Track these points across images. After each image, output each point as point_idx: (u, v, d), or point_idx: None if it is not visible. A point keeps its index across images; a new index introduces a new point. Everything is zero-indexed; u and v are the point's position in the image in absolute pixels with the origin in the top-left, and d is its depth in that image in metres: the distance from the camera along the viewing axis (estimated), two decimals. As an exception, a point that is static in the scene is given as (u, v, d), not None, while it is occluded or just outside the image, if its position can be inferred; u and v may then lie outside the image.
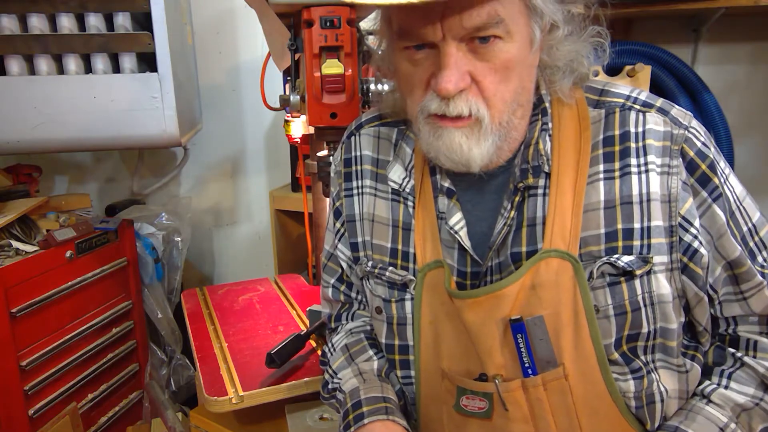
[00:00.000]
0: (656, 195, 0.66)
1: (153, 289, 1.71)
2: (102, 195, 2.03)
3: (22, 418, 1.32)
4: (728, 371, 0.70)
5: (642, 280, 0.66)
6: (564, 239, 0.66)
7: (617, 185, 0.67)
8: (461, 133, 0.65)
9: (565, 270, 0.66)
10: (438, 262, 0.72)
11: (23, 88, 1.32)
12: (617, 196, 0.67)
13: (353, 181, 0.81)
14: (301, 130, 1.25)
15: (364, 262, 0.79)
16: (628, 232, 0.66)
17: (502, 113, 0.65)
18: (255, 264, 2.10)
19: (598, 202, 0.67)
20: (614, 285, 0.66)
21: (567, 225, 0.67)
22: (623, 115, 0.68)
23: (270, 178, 2.04)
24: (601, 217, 0.67)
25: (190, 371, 1.78)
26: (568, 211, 0.67)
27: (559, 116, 0.70)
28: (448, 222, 0.72)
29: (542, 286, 0.66)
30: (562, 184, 0.68)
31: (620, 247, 0.66)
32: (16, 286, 1.29)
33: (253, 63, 1.91)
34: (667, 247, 0.66)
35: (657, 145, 0.67)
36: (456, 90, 0.62)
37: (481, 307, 0.68)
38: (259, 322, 1.16)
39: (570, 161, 0.68)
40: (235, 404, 0.89)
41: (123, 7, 1.33)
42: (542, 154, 0.69)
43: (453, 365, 0.71)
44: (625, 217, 0.66)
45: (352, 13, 0.83)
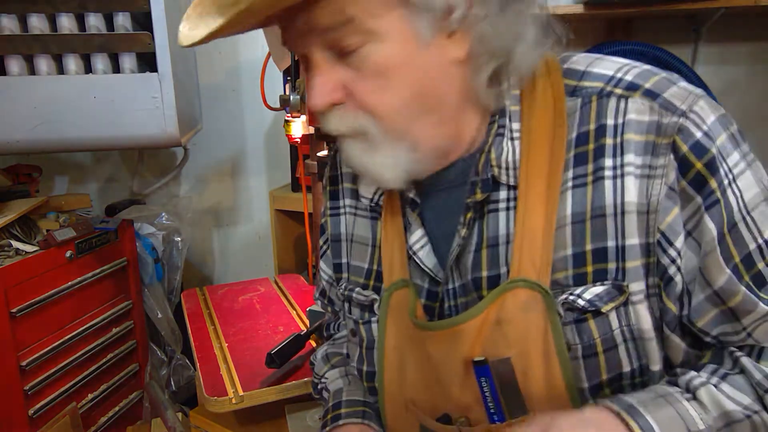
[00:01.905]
0: (632, 205, 0.54)
1: (153, 289, 1.71)
2: (102, 195, 2.03)
3: (22, 418, 1.32)
4: (723, 371, 0.54)
5: (618, 312, 0.55)
6: (534, 265, 0.56)
7: (588, 194, 0.55)
8: (353, 146, 0.58)
9: (535, 303, 0.55)
10: (404, 282, 0.65)
11: (23, 88, 1.32)
12: (588, 207, 0.55)
13: (338, 200, 0.75)
14: (301, 130, 1.25)
15: (343, 285, 0.74)
16: (600, 254, 0.55)
17: (393, 123, 0.55)
18: (255, 264, 2.10)
19: (566, 216, 0.56)
20: (580, 322, 0.55)
21: (537, 247, 0.56)
22: (600, 104, 0.55)
23: (270, 178, 2.04)
24: (568, 234, 0.55)
25: (190, 371, 1.78)
26: (538, 230, 0.56)
27: (530, 113, 0.59)
28: (408, 239, 0.65)
29: (508, 322, 0.56)
30: (532, 197, 0.57)
31: (590, 274, 0.55)
32: (16, 286, 1.29)
33: (253, 63, 1.91)
34: (643, 271, 0.54)
35: (637, 140, 0.53)
36: (324, 105, 0.55)
37: (441, 341, 0.60)
38: (259, 322, 1.16)
39: (542, 168, 0.57)
40: (235, 404, 0.89)
41: (123, 7, 1.33)
42: (495, 165, 0.58)
43: (418, 397, 0.64)
44: (596, 235, 0.55)
45: (352, 13, 0.83)
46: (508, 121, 0.59)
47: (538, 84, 0.59)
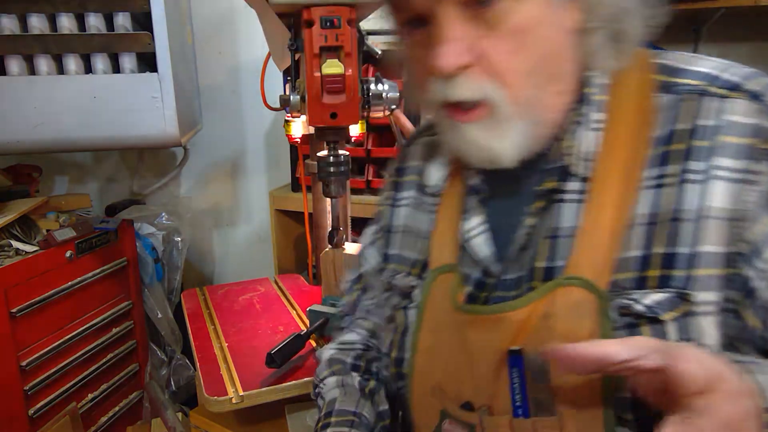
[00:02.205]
0: (716, 211, 0.50)
1: (153, 289, 1.71)
2: (102, 195, 2.03)
3: (22, 418, 1.32)
4: None
5: (678, 324, 0.50)
6: (594, 264, 0.53)
7: (668, 195, 0.52)
8: (477, 127, 0.55)
9: (588, 304, 0.52)
10: (450, 267, 0.63)
11: (23, 88, 1.32)
12: (665, 209, 0.52)
13: (400, 192, 0.74)
14: (301, 130, 1.25)
15: (387, 275, 0.72)
16: (668, 259, 0.51)
17: (521, 89, 0.53)
18: (255, 264, 2.10)
19: (642, 215, 0.53)
20: (633, 327, 0.51)
21: (602, 245, 0.53)
22: (697, 103, 0.53)
23: (270, 178, 2.04)
24: (638, 235, 0.52)
25: (190, 371, 1.78)
26: (606, 228, 0.53)
27: (617, 105, 0.56)
28: (464, 226, 0.63)
29: (557, 318, 0.53)
30: (606, 192, 0.54)
31: (653, 278, 0.51)
32: (16, 286, 1.29)
33: (253, 63, 1.91)
34: (718, 282, 0.50)
35: (737, 143, 0.50)
36: (454, 66, 0.51)
37: (482, 326, 0.58)
38: (259, 322, 1.16)
39: (620, 163, 0.54)
40: (235, 404, 0.89)
41: (123, 7, 1.33)
42: (569, 154, 0.56)
43: (445, 382, 0.62)
44: (669, 238, 0.51)
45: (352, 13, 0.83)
46: (590, 110, 0.56)
47: (628, 76, 0.57)
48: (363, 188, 1.63)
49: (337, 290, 1.15)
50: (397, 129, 1.13)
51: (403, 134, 1.14)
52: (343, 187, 0.99)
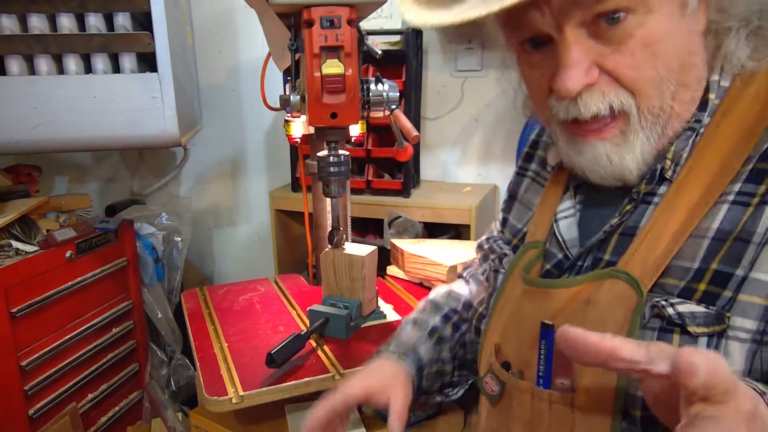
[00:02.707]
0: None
1: (153, 289, 1.71)
2: (102, 195, 2.03)
3: (22, 418, 1.32)
4: None
5: (710, 340, 0.50)
6: (644, 264, 0.53)
7: (746, 215, 0.50)
8: (606, 144, 0.55)
9: (628, 300, 0.53)
10: (539, 243, 0.65)
11: (23, 88, 1.32)
12: (738, 228, 0.50)
13: (529, 163, 0.77)
14: (301, 130, 1.24)
15: (493, 240, 0.76)
16: (722, 278, 0.50)
17: (653, 97, 0.52)
18: (255, 264, 2.10)
19: (709, 229, 0.51)
20: (665, 332, 0.51)
21: (657, 248, 0.53)
22: None
23: (270, 178, 2.04)
24: (703, 247, 0.51)
25: (190, 371, 1.78)
26: (668, 233, 0.53)
27: (728, 110, 0.54)
28: (558, 207, 0.65)
29: (596, 305, 0.55)
30: (681, 197, 0.53)
31: (699, 292, 0.51)
32: (16, 286, 1.29)
33: (253, 63, 1.91)
34: (759, 311, 0.49)
35: None
36: (579, 87, 0.51)
37: (534, 298, 0.61)
38: (259, 322, 1.16)
39: (707, 170, 0.53)
40: (235, 404, 0.89)
41: (123, 7, 1.33)
42: (669, 158, 0.55)
43: (501, 343, 0.65)
44: (730, 258, 0.50)
45: (352, 13, 0.83)
46: (705, 116, 0.55)
47: (754, 82, 0.54)
48: (363, 188, 1.63)
49: (337, 290, 1.15)
50: (397, 129, 1.13)
51: (403, 134, 1.14)
52: (343, 187, 0.98)
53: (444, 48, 1.74)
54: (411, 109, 1.60)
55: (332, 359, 1.00)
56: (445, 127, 1.79)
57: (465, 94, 1.75)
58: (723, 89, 0.55)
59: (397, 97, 0.97)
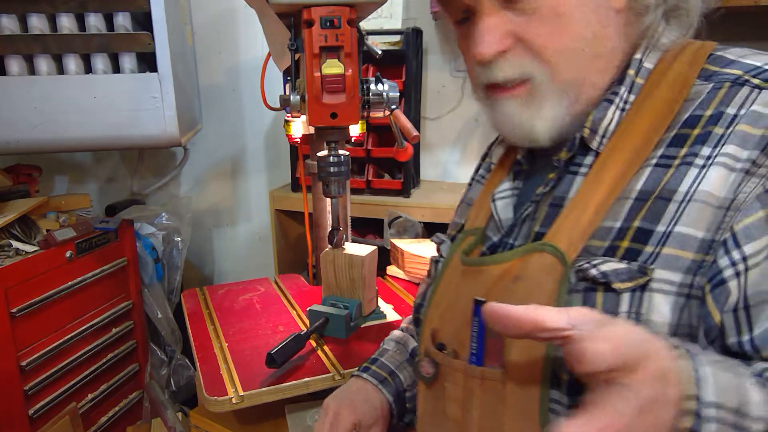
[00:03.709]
0: (708, 196, 0.50)
1: (153, 289, 1.71)
2: (102, 195, 2.03)
3: (22, 418, 1.32)
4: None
5: (633, 295, 0.51)
6: (571, 236, 0.55)
7: (667, 175, 0.52)
8: (516, 102, 0.58)
9: (554, 271, 0.54)
10: (477, 230, 0.68)
11: (23, 88, 1.32)
12: (659, 187, 0.52)
13: (477, 172, 0.81)
14: (301, 130, 1.24)
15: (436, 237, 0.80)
16: (643, 234, 0.52)
17: (564, 68, 0.56)
18: (255, 264, 2.10)
19: (633, 190, 0.54)
20: (589, 292, 0.53)
21: (584, 220, 0.54)
22: (730, 91, 0.52)
23: (270, 178, 2.04)
24: (626, 208, 0.53)
25: (190, 371, 1.78)
26: (594, 202, 0.55)
27: (652, 90, 0.56)
28: (495, 189, 0.67)
29: (525, 279, 0.56)
30: (607, 168, 0.55)
31: (622, 249, 0.52)
32: (16, 286, 1.29)
33: (253, 63, 1.91)
34: (688, 266, 0.50)
35: (752, 133, 0.50)
36: (492, 53, 0.55)
37: (468, 277, 0.63)
38: (259, 322, 1.16)
39: (632, 143, 0.55)
40: (235, 404, 0.89)
41: (123, 7, 1.33)
42: (588, 126, 0.57)
43: (439, 327, 0.66)
44: (651, 215, 0.52)
45: (352, 13, 0.83)
46: (625, 91, 0.57)
47: (675, 65, 0.56)
48: (363, 188, 1.63)
49: (337, 290, 1.15)
50: (397, 129, 1.13)
51: (403, 134, 1.13)
52: (343, 187, 0.98)
53: (444, 48, 1.74)
54: (411, 109, 1.60)
55: (332, 359, 1.00)
56: (445, 127, 1.79)
57: (465, 94, 1.75)
58: (647, 70, 0.57)
59: (397, 97, 0.97)
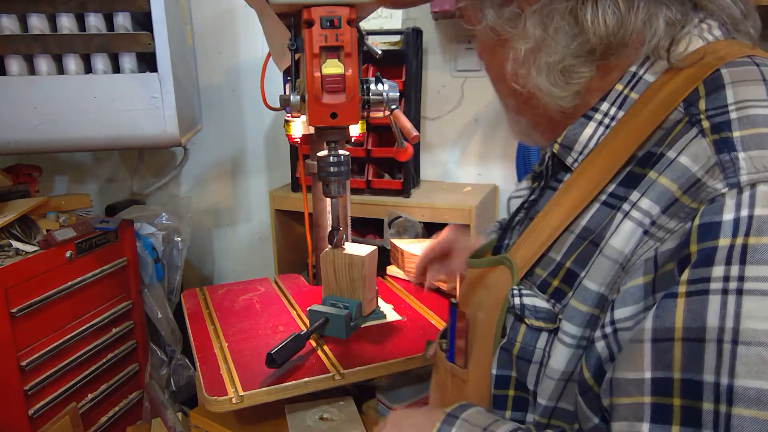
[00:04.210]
0: (611, 250, 0.48)
1: (153, 289, 1.71)
2: (102, 195, 2.03)
3: (22, 418, 1.32)
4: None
5: (549, 336, 0.52)
6: (525, 255, 0.56)
7: (607, 218, 0.50)
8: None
9: (506, 286, 0.56)
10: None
11: (23, 88, 1.32)
12: (598, 229, 0.51)
13: None
14: (301, 130, 1.24)
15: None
16: (571, 277, 0.51)
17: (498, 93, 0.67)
18: (255, 264, 2.10)
19: (579, 225, 0.52)
20: (517, 320, 0.55)
21: (539, 239, 0.55)
22: (683, 130, 0.47)
23: (270, 178, 2.04)
24: (567, 243, 0.53)
25: (190, 371, 1.78)
26: (550, 225, 0.54)
27: (640, 109, 0.52)
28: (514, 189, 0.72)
29: (486, 288, 0.60)
30: (571, 191, 0.54)
31: (552, 287, 0.53)
32: (16, 286, 1.29)
33: (253, 63, 1.91)
34: (584, 319, 0.49)
35: (667, 187, 0.45)
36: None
37: (466, 278, 0.69)
38: (259, 322, 1.16)
39: (602, 166, 0.52)
40: (235, 404, 0.89)
41: (123, 7, 1.33)
42: (558, 142, 0.56)
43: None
44: (581, 258, 0.51)
45: (352, 13, 0.83)
46: (610, 106, 0.54)
47: (677, 79, 0.50)
48: (363, 188, 1.63)
49: (337, 290, 1.15)
50: (397, 129, 1.13)
51: (403, 134, 1.13)
52: (343, 187, 0.98)
53: (444, 48, 1.74)
54: (411, 109, 1.60)
55: (332, 359, 1.00)
56: (445, 127, 1.79)
57: (465, 94, 1.75)
58: (645, 83, 0.52)
59: (397, 97, 0.97)
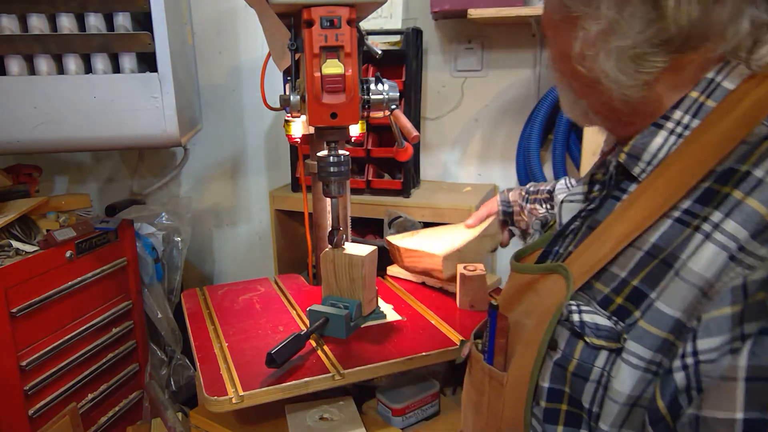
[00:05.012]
0: (691, 274, 0.45)
1: (153, 289, 1.71)
2: (102, 195, 2.03)
3: (22, 418, 1.32)
4: None
5: (609, 355, 0.49)
6: (583, 266, 0.53)
7: (681, 237, 0.47)
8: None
9: (559, 296, 0.54)
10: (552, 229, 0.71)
11: (23, 88, 1.32)
12: (668, 249, 0.48)
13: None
14: (301, 130, 1.24)
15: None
16: (638, 296, 0.49)
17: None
18: (255, 264, 2.10)
19: (647, 242, 0.50)
20: (574, 335, 0.52)
21: (600, 251, 0.52)
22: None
23: (270, 178, 2.04)
24: (634, 260, 0.50)
25: (190, 371, 1.78)
26: (612, 238, 0.52)
27: (725, 115, 0.49)
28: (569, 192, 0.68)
29: (537, 294, 0.58)
30: (638, 202, 0.51)
31: (615, 305, 0.50)
32: (16, 286, 1.29)
33: (253, 63, 1.91)
34: (658, 343, 0.46)
35: (755, 210, 0.43)
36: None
37: (510, 279, 0.67)
38: (259, 322, 1.16)
39: (672, 179, 0.50)
40: (235, 404, 0.89)
41: (123, 7, 1.33)
42: (626, 151, 0.54)
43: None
44: (651, 278, 0.48)
45: (352, 13, 0.83)
46: (683, 114, 0.51)
47: (761, 88, 0.48)
48: (363, 188, 1.63)
49: (337, 290, 1.15)
50: (397, 129, 1.13)
51: (403, 134, 1.13)
52: (343, 187, 0.99)
53: (444, 48, 1.74)
54: (411, 109, 1.60)
55: (332, 359, 1.00)
56: (445, 127, 1.79)
57: (465, 94, 1.75)
58: (724, 91, 0.50)
59: (397, 97, 0.97)
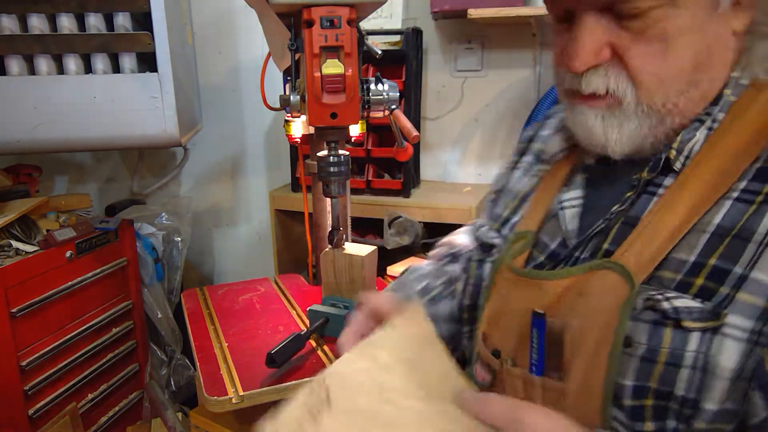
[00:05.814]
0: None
1: (153, 289, 1.71)
2: (102, 195, 2.03)
3: (22, 418, 1.32)
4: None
5: (703, 336, 0.49)
6: (639, 258, 0.53)
7: (748, 213, 0.50)
8: (595, 113, 0.57)
9: (618, 292, 0.53)
10: (530, 233, 0.66)
11: (23, 88, 1.32)
12: (738, 225, 0.50)
13: (521, 156, 0.79)
14: (301, 130, 1.24)
15: (478, 230, 0.79)
16: (720, 274, 0.50)
17: (654, 94, 0.53)
18: (255, 264, 2.10)
19: (710, 223, 0.51)
20: (658, 325, 0.51)
21: (656, 241, 0.52)
22: None
23: (270, 178, 2.04)
24: (702, 242, 0.51)
25: (190, 371, 1.78)
26: (668, 227, 0.52)
27: (746, 108, 0.54)
28: (562, 195, 0.65)
29: (588, 297, 0.55)
30: (685, 191, 0.53)
31: (696, 286, 0.50)
32: (16, 286, 1.29)
33: (253, 63, 1.91)
34: (755, 312, 0.48)
35: None
36: (584, 67, 0.54)
37: (523, 288, 0.62)
38: (259, 322, 1.16)
39: (714, 167, 0.52)
40: (235, 404, 0.89)
41: (123, 7, 1.33)
42: (675, 147, 0.55)
43: (489, 332, 0.66)
44: (729, 254, 0.50)
45: (352, 13, 0.83)
46: (717, 110, 0.55)
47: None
48: (363, 188, 1.63)
49: (337, 290, 1.15)
50: (397, 129, 1.13)
51: (403, 134, 1.13)
52: (343, 187, 0.99)
53: (444, 48, 1.74)
54: (411, 109, 1.60)
55: (332, 359, 1.00)
56: (445, 127, 1.79)
57: (465, 94, 1.75)
58: (741, 87, 0.55)
59: (397, 97, 0.97)
